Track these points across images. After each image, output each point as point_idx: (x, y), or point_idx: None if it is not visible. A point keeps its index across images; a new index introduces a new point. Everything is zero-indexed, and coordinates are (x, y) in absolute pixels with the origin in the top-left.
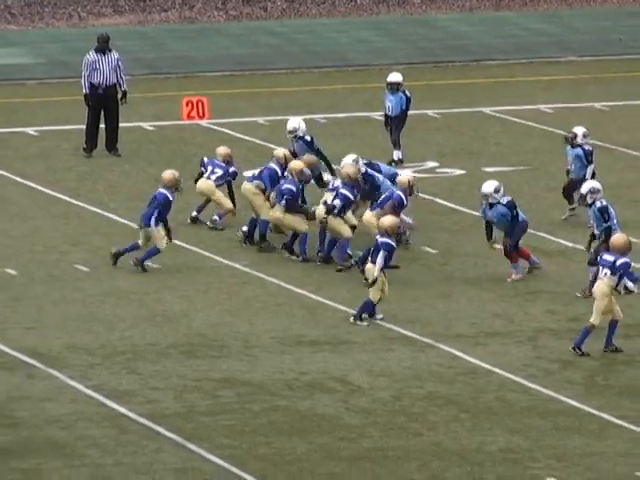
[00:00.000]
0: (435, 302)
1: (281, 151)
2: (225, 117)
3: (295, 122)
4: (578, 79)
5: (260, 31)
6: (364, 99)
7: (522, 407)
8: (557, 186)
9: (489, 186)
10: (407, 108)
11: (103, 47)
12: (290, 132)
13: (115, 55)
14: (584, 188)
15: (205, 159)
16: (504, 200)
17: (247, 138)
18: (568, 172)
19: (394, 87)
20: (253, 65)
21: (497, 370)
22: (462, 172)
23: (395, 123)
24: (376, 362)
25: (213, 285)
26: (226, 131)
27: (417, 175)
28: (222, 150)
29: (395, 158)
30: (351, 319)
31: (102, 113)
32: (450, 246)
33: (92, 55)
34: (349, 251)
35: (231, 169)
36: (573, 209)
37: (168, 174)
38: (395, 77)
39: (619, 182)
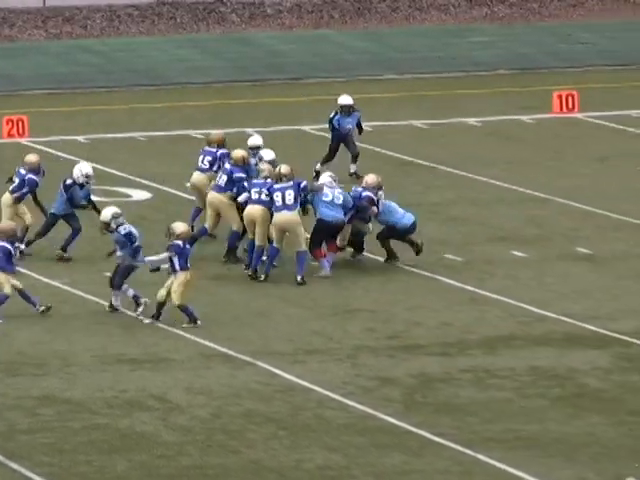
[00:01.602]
0: (254, 320)
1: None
2: (45, 135)
3: (259, 139)
4: (397, 97)
5: (80, 49)
6: (182, 117)
7: (340, 424)
8: None
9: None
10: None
11: None
12: (252, 148)
13: None
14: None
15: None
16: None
17: (67, 156)
18: None
19: (348, 110)
20: (73, 83)
21: (315, 387)
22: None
23: (351, 140)
24: (195, 380)
25: None
26: (45, 149)
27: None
28: (31, 158)
29: (354, 171)
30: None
31: None
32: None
33: None
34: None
35: (28, 176)
36: None
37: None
38: (348, 100)
39: (440, 200)
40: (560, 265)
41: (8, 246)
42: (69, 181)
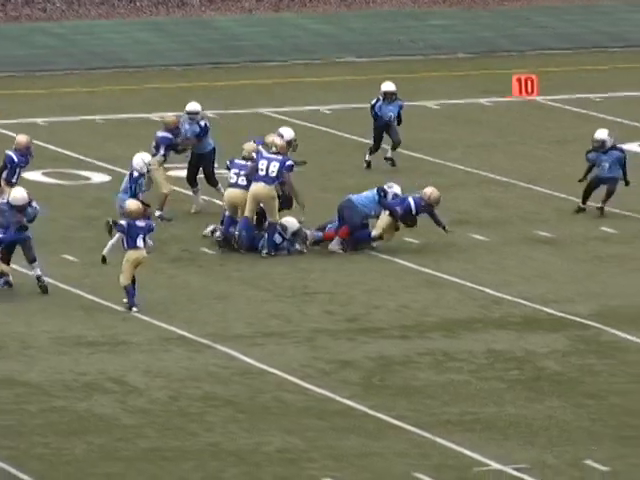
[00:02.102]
0: (212, 303)
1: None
2: (4, 118)
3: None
4: (356, 80)
5: (39, 32)
6: (142, 100)
7: (299, 407)
8: (334, 186)
9: None
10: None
11: None
12: (190, 113)
13: None
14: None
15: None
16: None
17: None
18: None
19: (391, 96)
20: (32, 66)
21: (274, 371)
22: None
23: (394, 128)
24: (153, 363)
25: None
26: (5, 132)
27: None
28: (20, 139)
29: (390, 156)
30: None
31: None
32: (228, 247)
33: None
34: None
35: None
36: (584, 209)
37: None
38: (391, 86)
39: (399, 183)
40: (520, 248)
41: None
42: (136, 174)
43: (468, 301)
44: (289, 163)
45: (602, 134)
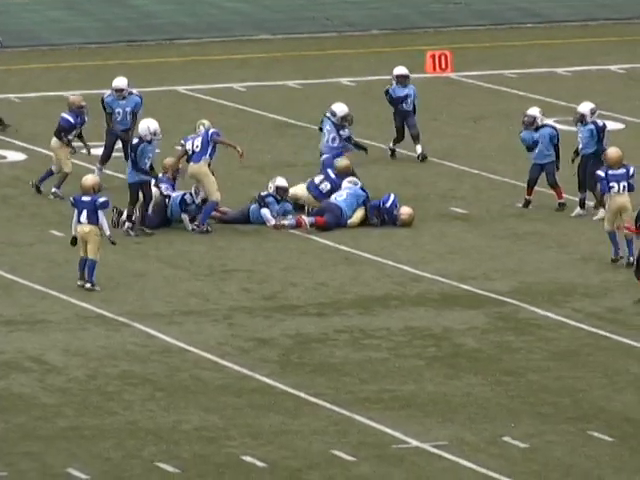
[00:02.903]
0: (130, 281)
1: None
2: None
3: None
4: (271, 57)
5: None
6: (58, 78)
7: (217, 385)
8: (251, 164)
9: None
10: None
11: None
12: (118, 90)
13: None
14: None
15: None
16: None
17: None
18: (577, 152)
19: (404, 80)
20: None
21: (192, 349)
22: (156, 150)
23: (412, 117)
24: (71, 341)
25: None
26: None
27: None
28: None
29: (421, 151)
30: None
31: None
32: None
33: None
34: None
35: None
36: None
37: None
38: (403, 70)
39: (313, 160)
40: (436, 225)
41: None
42: (135, 141)
43: (385, 279)
44: (212, 130)
45: (533, 110)
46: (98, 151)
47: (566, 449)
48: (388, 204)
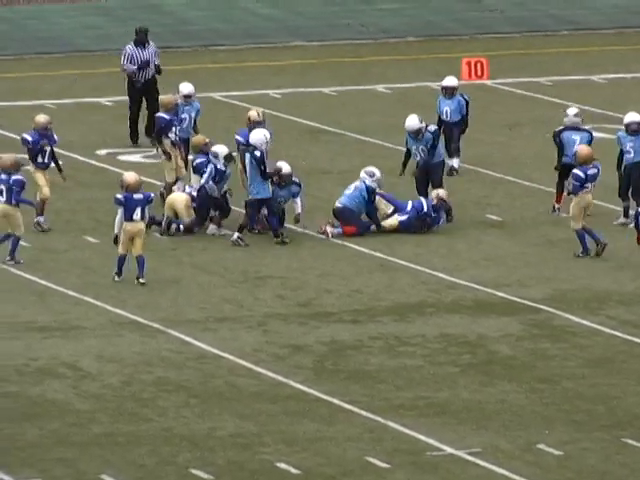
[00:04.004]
0: (165, 287)
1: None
2: None
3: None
4: (306, 64)
5: None
6: (93, 84)
7: (251, 392)
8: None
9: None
10: (467, 113)
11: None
12: (187, 96)
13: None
14: None
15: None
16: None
17: None
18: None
19: (450, 92)
20: None
21: (227, 355)
22: (190, 156)
23: (454, 130)
24: (106, 348)
25: None
26: None
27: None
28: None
29: (455, 166)
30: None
31: None
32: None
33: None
34: None
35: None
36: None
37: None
38: (451, 81)
39: (349, 167)
40: (471, 232)
41: None
42: (258, 152)
43: (420, 285)
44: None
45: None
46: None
47: (600, 456)
48: (425, 209)
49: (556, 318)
